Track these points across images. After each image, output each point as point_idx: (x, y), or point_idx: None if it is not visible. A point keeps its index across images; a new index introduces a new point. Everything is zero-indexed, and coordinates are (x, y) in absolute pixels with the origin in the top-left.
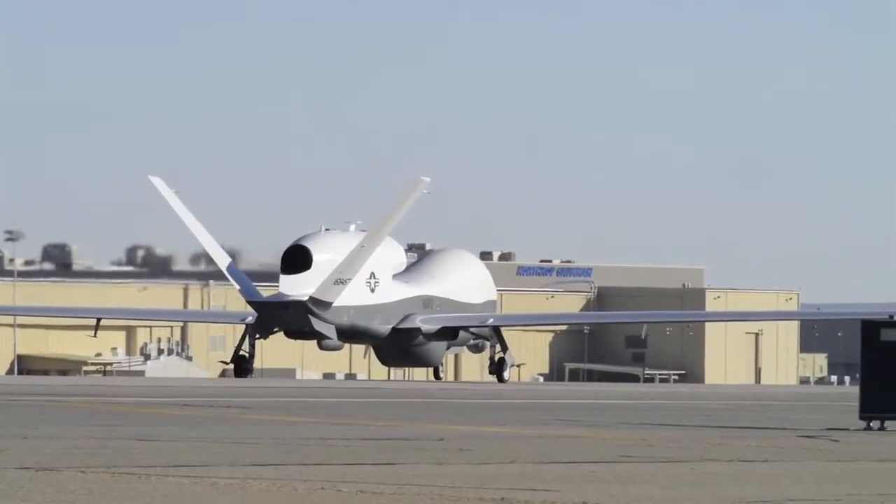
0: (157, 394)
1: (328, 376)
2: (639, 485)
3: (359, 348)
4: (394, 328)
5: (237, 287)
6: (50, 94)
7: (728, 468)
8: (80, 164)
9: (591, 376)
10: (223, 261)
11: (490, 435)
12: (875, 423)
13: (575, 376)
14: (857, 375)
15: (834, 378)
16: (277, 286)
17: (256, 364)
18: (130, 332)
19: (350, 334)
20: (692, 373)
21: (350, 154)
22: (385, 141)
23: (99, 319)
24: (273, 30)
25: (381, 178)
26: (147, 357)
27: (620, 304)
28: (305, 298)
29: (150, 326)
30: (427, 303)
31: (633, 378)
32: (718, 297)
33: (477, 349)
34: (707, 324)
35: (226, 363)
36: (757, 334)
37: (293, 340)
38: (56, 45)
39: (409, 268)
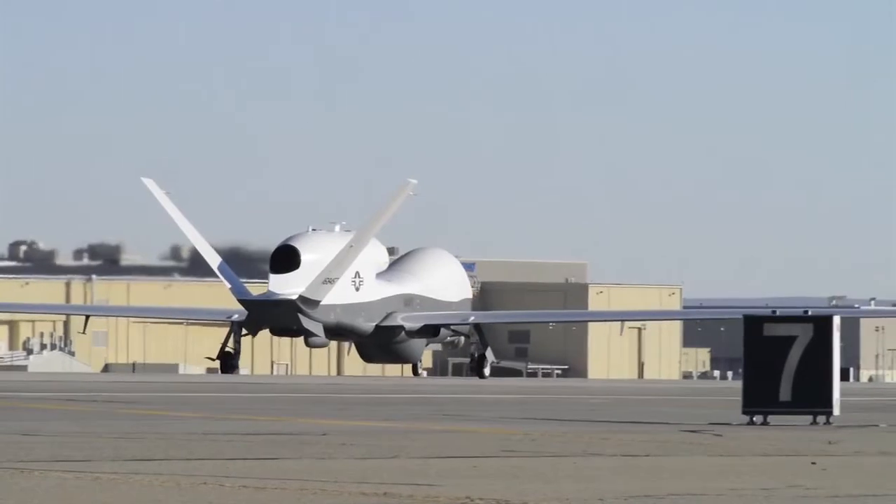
0: (41, 388)
1: (211, 371)
2: (522, 479)
3: (244, 341)
4: (377, 326)
5: (228, 285)
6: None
7: (611, 463)
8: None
9: (456, 370)
10: (214, 260)
11: (374, 430)
12: (758, 418)
13: (458, 371)
14: (740, 370)
15: (717, 373)
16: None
17: (139, 359)
18: (13, 326)
19: (336, 332)
20: (575, 367)
21: (329, 155)
22: (362, 142)
23: (87, 317)
24: (259, 29)
25: (358, 180)
26: (30, 352)
27: (504, 299)
28: (295, 297)
29: (34, 321)
30: (408, 301)
31: (517, 373)
32: (601, 292)
33: (454, 346)
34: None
35: (212, 359)
36: (640, 329)
37: (176, 336)
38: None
39: (391, 267)
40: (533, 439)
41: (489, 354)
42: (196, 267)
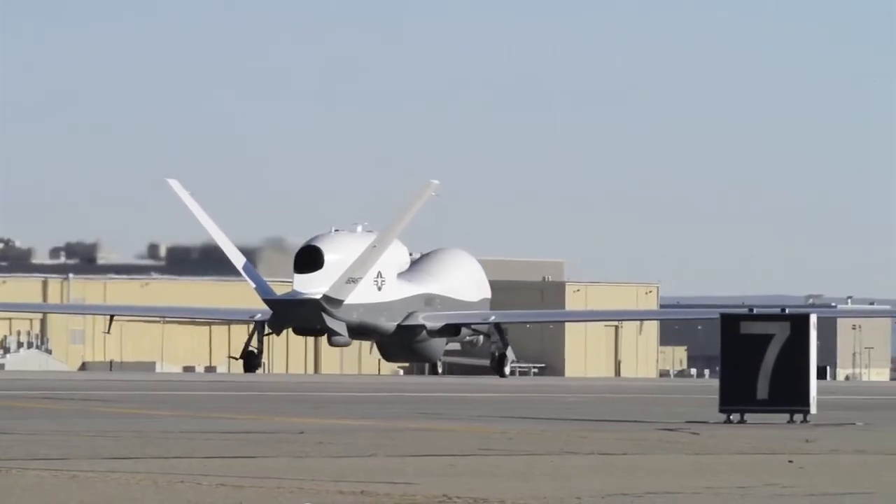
0: (17, 387)
1: (188, 369)
2: (499, 478)
3: (220, 339)
4: (399, 325)
5: (253, 285)
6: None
7: (588, 461)
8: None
9: (452, 370)
10: (239, 260)
11: (351, 428)
12: (735, 416)
13: (435, 370)
14: (717, 368)
15: (693, 371)
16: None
17: (116, 357)
18: None
19: (358, 331)
20: (552, 366)
21: (346, 157)
22: (381, 144)
23: (112, 316)
24: (280, 30)
25: (353, 180)
26: (7, 350)
27: None
28: (319, 297)
29: (10, 319)
30: (429, 300)
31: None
32: (578, 290)
33: (472, 345)
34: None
35: (235, 359)
36: (617, 327)
37: (153, 334)
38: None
39: (411, 267)
40: (510, 438)
41: (510, 353)
42: (173, 266)
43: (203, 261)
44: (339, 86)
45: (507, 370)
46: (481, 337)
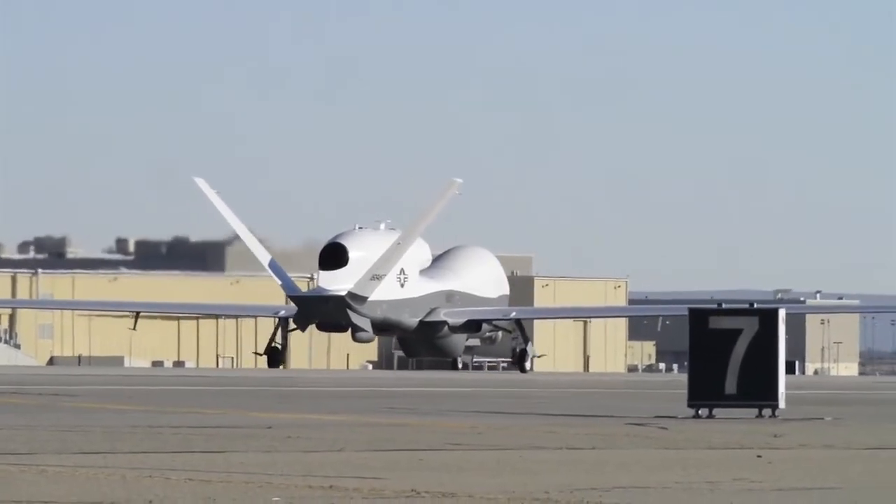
0: None
1: (157, 364)
2: (467, 472)
3: (189, 334)
4: (421, 321)
5: (279, 282)
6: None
7: (556, 456)
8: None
9: (420, 364)
10: (264, 257)
11: (319, 423)
12: (703, 411)
13: (404, 364)
14: (686, 363)
15: (662, 366)
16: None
17: (84, 352)
18: None
19: (382, 327)
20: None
21: (361, 156)
22: (400, 144)
23: (138, 313)
24: (295, 27)
25: (369, 180)
26: None
27: None
28: (344, 293)
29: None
30: (449, 297)
31: (462, 366)
32: (546, 285)
33: (491, 341)
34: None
35: (259, 354)
36: (585, 322)
37: (121, 329)
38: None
39: (433, 264)
40: (479, 432)
41: (530, 349)
42: (142, 260)
43: (171, 255)
44: (337, 85)
45: (528, 366)
46: (500, 333)
